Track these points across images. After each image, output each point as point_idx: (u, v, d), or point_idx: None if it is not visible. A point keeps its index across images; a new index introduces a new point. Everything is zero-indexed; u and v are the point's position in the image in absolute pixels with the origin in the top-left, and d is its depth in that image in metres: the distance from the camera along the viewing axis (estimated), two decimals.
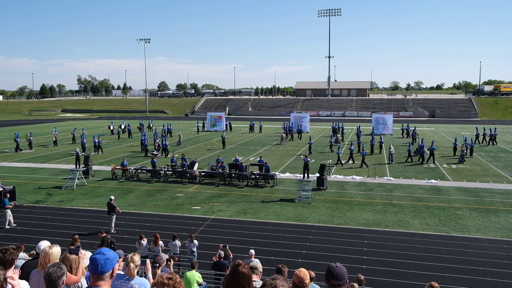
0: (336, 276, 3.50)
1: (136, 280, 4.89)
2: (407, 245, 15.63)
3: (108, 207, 17.63)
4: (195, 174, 26.53)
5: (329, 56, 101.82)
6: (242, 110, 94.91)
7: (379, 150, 38.72)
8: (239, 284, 3.24)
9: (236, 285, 3.25)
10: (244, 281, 3.25)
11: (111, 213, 17.53)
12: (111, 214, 17.53)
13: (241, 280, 3.25)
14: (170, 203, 21.68)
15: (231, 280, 3.28)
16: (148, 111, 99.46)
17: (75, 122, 75.37)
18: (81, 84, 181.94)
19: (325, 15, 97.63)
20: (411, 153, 33.19)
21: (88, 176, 27.37)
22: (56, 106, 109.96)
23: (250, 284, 3.26)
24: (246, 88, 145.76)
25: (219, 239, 15.90)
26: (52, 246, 4.69)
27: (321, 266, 12.12)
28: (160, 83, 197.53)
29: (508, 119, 78.46)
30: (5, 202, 18.32)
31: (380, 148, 39.24)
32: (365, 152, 32.03)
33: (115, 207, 17.53)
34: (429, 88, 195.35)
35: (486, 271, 13.41)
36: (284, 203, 21.40)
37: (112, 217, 17.52)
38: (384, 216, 19.11)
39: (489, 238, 16.34)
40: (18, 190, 22.78)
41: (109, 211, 17.58)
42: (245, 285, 3.26)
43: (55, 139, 43.70)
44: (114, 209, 17.51)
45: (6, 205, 18.23)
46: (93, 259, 3.48)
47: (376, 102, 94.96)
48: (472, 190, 23.77)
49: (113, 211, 17.52)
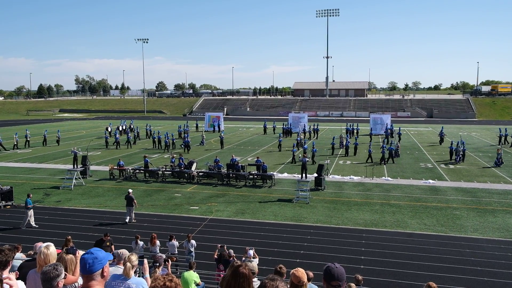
0: (337, 277, 3.49)
1: (134, 280, 4.88)
2: (404, 245, 15.65)
3: (127, 200, 18.67)
4: (193, 174, 26.51)
5: (327, 56, 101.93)
6: (240, 110, 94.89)
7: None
8: (240, 284, 3.27)
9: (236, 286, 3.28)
10: (244, 282, 3.28)
11: (130, 205, 18.60)
12: (130, 206, 18.61)
13: (241, 281, 3.27)
14: (168, 203, 21.66)
15: (231, 281, 3.31)
16: (146, 111, 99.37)
17: (73, 122, 75.27)
18: (79, 84, 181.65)
19: (323, 15, 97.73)
20: (371, 153, 33.01)
21: (86, 176, 27.33)
22: (53, 106, 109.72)
23: (250, 285, 3.28)
24: (244, 88, 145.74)
25: (217, 239, 15.90)
26: (49, 247, 4.68)
27: (319, 266, 12.12)
28: (158, 83, 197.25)
29: (505, 119, 78.64)
30: (27, 202, 18.21)
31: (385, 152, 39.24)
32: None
33: (133, 199, 18.63)
34: (427, 88, 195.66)
35: (484, 271, 13.44)
36: (282, 203, 21.40)
37: (131, 209, 18.63)
38: (382, 216, 19.13)
39: (487, 238, 16.38)
40: (16, 190, 22.69)
41: (128, 203, 18.61)
42: (245, 286, 3.28)
43: (16, 142, 41.30)
44: (132, 201, 18.59)
45: (28, 205, 18.13)
46: (82, 259, 3.50)
47: (374, 103, 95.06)
48: (470, 190, 23.83)
49: (131, 203, 18.60)
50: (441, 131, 44.87)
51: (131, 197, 18.62)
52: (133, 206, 18.71)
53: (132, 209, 18.68)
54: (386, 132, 48.21)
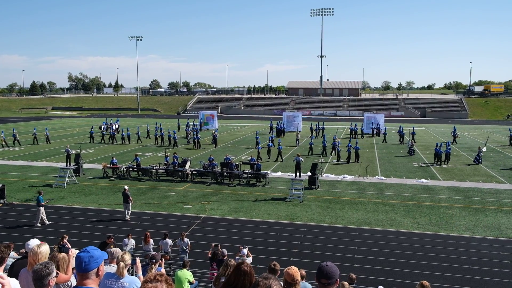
0: (326, 275, 3.50)
1: (127, 279, 4.87)
2: (398, 244, 15.73)
3: (123, 196, 18.76)
4: (186, 173, 26.45)
5: (322, 55, 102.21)
6: (234, 109, 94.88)
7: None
8: (242, 282, 3.32)
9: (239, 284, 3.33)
10: (246, 280, 3.33)
11: (126, 201, 18.64)
12: (126, 203, 18.63)
13: (243, 279, 3.33)
14: (162, 201, 21.59)
15: (233, 278, 3.36)
16: (139, 109, 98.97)
17: (65, 120, 74.77)
18: (72, 81, 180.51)
19: (318, 14, 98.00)
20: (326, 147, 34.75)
21: (79, 174, 27.17)
22: (46, 104, 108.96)
23: (251, 283, 3.33)
24: (239, 87, 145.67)
25: (211, 237, 15.88)
26: (41, 245, 4.65)
27: (312, 264, 12.15)
28: (152, 81, 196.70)
29: (497, 119, 79.32)
30: (39, 200, 18.09)
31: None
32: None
33: (128, 197, 18.64)
34: (420, 88, 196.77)
35: (476, 269, 13.54)
36: (276, 202, 21.42)
37: (127, 205, 18.65)
38: (375, 215, 19.21)
39: (479, 237, 16.50)
40: (8, 188, 22.51)
41: (124, 199, 18.70)
42: (246, 283, 3.34)
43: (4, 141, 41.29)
44: (128, 198, 18.62)
45: (40, 203, 18.02)
46: (78, 257, 3.46)
47: (368, 102, 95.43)
48: (462, 190, 23.99)
49: (127, 200, 18.64)
50: (453, 130, 44.83)
51: (126, 194, 18.67)
52: (129, 203, 18.67)
53: (128, 206, 18.69)
54: (373, 131, 49.84)
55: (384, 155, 36.52)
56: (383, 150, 39.22)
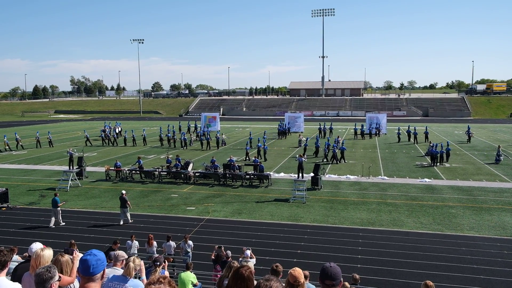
0: (330, 276, 3.49)
1: (131, 282, 4.86)
2: (401, 244, 15.68)
3: (121, 201, 18.47)
4: (189, 175, 26.46)
5: (323, 56, 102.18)
6: (236, 111, 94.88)
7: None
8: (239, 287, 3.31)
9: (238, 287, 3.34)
10: (243, 284, 3.32)
11: (123, 206, 18.38)
12: (123, 208, 18.36)
13: (240, 283, 3.32)
14: (165, 203, 21.61)
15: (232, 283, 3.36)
16: (142, 112, 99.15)
17: (68, 123, 74.98)
18: (74, 85, 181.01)
19: (319, 15, 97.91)
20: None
21: (82, 177, 27.22)
22: (49, 107, 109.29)
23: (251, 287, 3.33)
24: (240, 88, 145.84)
25: (214, 239, 15.87)
26: (44, 249, 4.65)
27: (316, 265, 12.11)
28: (154, 84, 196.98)
29: (500, 118, 79.05)
30: (56, 201, 18.20)
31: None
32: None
33: (126, 201, 18.38)
34: (422, 87, 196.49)
35: (480, 269, 13.48)
36: (279, 203, 21.40)
37: (125, 210, 18.38)
38: (378, 215, 19.16)
39: (483, 236, 16.43)
40: (11, 192, 22.56)
41: (122, 204, 18.41)
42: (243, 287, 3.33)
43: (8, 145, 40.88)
44: (126, 202, 18.36)
45: (58, 204, 18.15)
46: (84, 261, 3.44)
47: (370, 102, 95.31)
48: (466, 189, 23.91)
49: (124, 205, 18.39)
50: (468, 130, 44.71)
51: (124, 199, 18.36)
52: (127, 207, 18.49)
53: (126, 211, 18.41)
54: (373, 131, 50.07)
55: (386, 155, 36.43)
56: (385, 150, 39.13)
